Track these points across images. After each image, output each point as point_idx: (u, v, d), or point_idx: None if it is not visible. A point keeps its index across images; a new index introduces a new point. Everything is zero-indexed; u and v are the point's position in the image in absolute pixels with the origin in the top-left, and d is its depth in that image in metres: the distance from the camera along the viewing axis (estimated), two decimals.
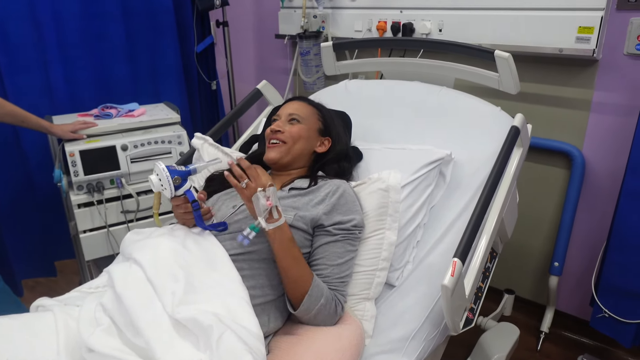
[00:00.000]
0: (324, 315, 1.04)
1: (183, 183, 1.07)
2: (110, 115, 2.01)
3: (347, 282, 1.12)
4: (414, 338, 1.12)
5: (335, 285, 1.08)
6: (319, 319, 1.05)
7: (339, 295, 1.08)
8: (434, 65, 1.58)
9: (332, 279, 1.08)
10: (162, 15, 2.33)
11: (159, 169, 1.04)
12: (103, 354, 0.86)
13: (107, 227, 1.86)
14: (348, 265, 1.12)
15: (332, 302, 1.05)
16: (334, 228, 1.11)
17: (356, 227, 1.13)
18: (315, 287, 1.03)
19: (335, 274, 1.09)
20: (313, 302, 1.02)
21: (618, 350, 1.92)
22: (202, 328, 0.86)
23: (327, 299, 1.04)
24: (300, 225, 1.10)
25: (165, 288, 0.93)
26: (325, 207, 1.12)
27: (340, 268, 1.10)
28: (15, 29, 1.97)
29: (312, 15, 2.37)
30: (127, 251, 1.07)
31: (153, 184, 1.06)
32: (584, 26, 1.67)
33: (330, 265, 1.09)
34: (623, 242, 1.65)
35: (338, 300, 1.07)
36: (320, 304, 1.02)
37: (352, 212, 1.14)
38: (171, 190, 1.05)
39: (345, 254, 1.11)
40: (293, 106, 1.33)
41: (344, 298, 1.10)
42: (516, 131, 1.26)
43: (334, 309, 1.06)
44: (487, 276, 1.34)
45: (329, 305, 1.04)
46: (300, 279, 1.03)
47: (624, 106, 1.73)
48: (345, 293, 1.11)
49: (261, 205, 0.98)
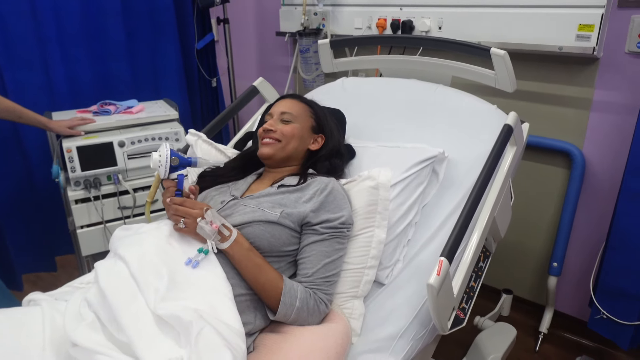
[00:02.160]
0: (304, 316, 1.04)
1: (180, 168, 1.09)
2: (109, 112, 2.02)
3: (333, 282, 1.11)
4: (401, 337, 1.12)
5: (318, 284, 1.07)
6: (300, 321, 1.04)
7: (321, 294, 1.07)
8: (432, 63, 1.57)
9: (315, 279, 1.08)
10: (163, 12, 2.34)
11: (163, 148, 1.07)
12: (87, 348, 0.86)
13: (104, 223, 1.87)
14: (335, 265, 1.11)
15: (309, 302, 1.04)
16: (321, 227, 1.10)
17: (344, 224, 1.12)
18: (287, 292, 1.02)
19: (320, 274, 1.08)
20: (288, 308, 1.02)
21: (616, 352, 1.90)
22: (183, 324, 0.86)
23: (302, 301, 1.03)
24: (287, 223, 1.09)
25: (148, 284, 0.93)
26: (312, 205, 1.11)
27: (327, 267, 1.09)
28: (16, 26, 1.99)
29: (312, 12, 2.36)
30: (113, 247, 1.07)
31: (153, 159, 1.08)
32: (584, 24, 1.65)
33: (316, 264, 1.08)
34: (622, 243, 1.63)
35: (319, 299, 1.06)
36: (297, 308, 1.02)
37: (341, 210, 1.13)
38: (166, 169, 1.07)
39: (332, 253, 1.10)
40: (285, 104, 1.32)
41: (327, 297, 1.08)
42: (509, 130, 1.25)
43: (313, 309, 1.05)
44: (479, 275, 1.32)
45: (307, 307, 1.04)
46: (269, 285, 1.03)
47: (624, 105, 1.70)
48: (331, 292, 1.10)
49: (209, 232, 1.00)
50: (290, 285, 1.04)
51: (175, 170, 1.09)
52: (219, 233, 1.01)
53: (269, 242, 1.07)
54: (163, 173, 1.08)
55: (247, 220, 1.08)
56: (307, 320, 1.05)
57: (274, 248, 1.08)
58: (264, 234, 1.07)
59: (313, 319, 1.06)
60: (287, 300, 1.02)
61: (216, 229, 1.00)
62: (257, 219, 1.08)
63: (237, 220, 1.09)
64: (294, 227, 1.10)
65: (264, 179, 1.30)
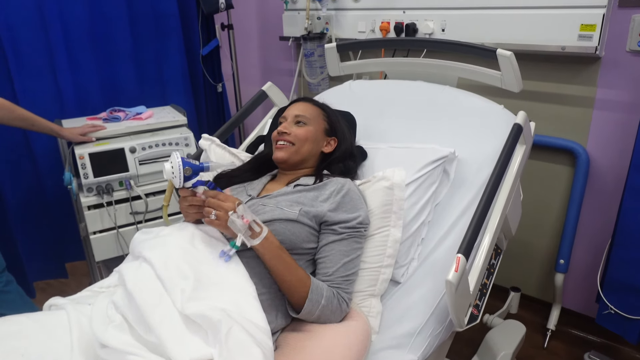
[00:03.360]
0: (327, 314, 1.06)
1: (193, 176, 1.09)
2: (119, 119, 2.05)
3: (352, 280, 1.13)
4: (419, 334, 1.14)
5: (339, 283, 1.09)
6: (323, 319, 1.06)
7: (342, 292, 1.09)
8: (437, 65, 1.60)
9: (336, 277, 1.10)
10: (168, 19, 2.36)
11: (174, 158, 1.07)
12: (117, 349, 0.88)
13: (116, 229, 1.89)
14: (354, 264, 1.13)
15: (333, 301, 1.06)
16: (339, 227, 1.12)
17: (361, 224, 1.15)
18: (314, 290, 1.04)
19: (340, 273, 1.10)
20: (314, 305, 1.03)
21: (625, 347, 1.92)
22: (212, 323, 0.88)
23: (327, 299, 1.05)
24: (306, 221, 1.12)
25: (174, 285, 0.95)
26: (330, 205, 1.14)
27: (346, 267, 1.11)
28: (25, 35, 2.01)
29: (315, 16, 2.39)
30: (136, 250, 1.09)
31: (165, 170, 1.08)
32: (586, 24, 1.68)
33: (336, 263, 1.10)
34: (628, 239, 1.66)
35: (341, 298, 1.08)
36: (322, 305, 1.04)
37: (357, 210, 1.15)
38: (180, 179, 1.07)
39: (351, 252, 1.13)
40: (299, 107, 1.34)
41: (348, 295, 1.10)
42: (519, 129, 1.27)
43: (336, 307, 1.06)
44: (491, 273, 1.35)
45: (331, 305, 1.05)
46: (297, 284, 1.04)
47: (627, 103, 1.73)
48: (350, 291, 1.12)
49: (240, 226, 0.99)
50: (316, 283, 1.06)
51: (189, 179, 1.10)
52: (249, 228, 1.00)
53: (289, 240, 1.09)
54: (177, 183, 1.09)
55: (267, 218, 1.10)
56: (329, 318, 1.06)
57: (294, 245, 1.10)
58: (284, 232, 1.09)
59: (335, 317, 1.07)
60: (313, 298, 1.03)
61: (247, 223, 0.99)
62: (277, 217, 1.10)
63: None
64: (313, 225, 1.13)
65: (278, 180, 1.32)
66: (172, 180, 1.09)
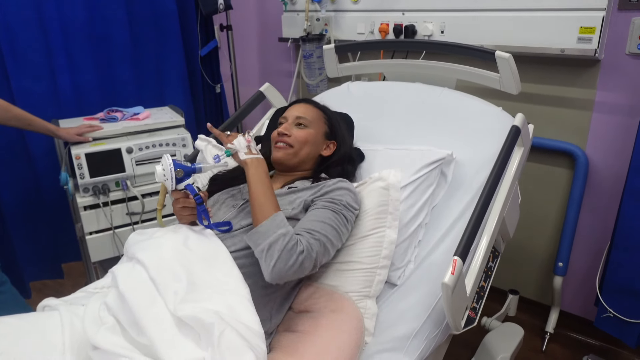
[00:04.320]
0: (281, 247, 0.96)
1: (185, 178, 1.09)
2: (116, 119, 2.04)
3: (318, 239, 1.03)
4: (415, 337, 1.13)
5: (300, 232, 1.04)
6: (275, 251, 0.96)
7: (303, 239, 1.01)
8: (436, 67, 1.59)
9: (298, 229, 1.05)
10: (167, 20, 2.35)
11: (165, 161, 1.07)
12: (108, 351, 0.88)
13: (112, 229, 1.88)
14: (323, 226, 1.06)
15: (292, 240, 0.98)
16: (320, 200, 1.13)
17: (345, 206, 1.12)
18: (280, 216, 1.03)
19: (305, 225, 1.06)
20: (275, 226, 0.99)
21: (623, 351, 1.91)
22: (204, 326, 0.87)
23: (288, 233, 0.99)
24: (300, 217, 1.12)
25: (167, 287, 0.94)
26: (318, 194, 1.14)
27: (313, 224, 1.06)
28: (23, 35, 2.00)
29: (314, 18, 2.39)
30: (130, 251, 1.08)
31: (157, 173, 1.08)
32: (585, 26, 1.67)
33: (303, 222, 1.08)
34: (627, 242, 1.65)
35: (300, 242, 1.00)
36: (280, 233, 0.98)
37: (344, 197, 1.14)
38: (172, 182, 1.07)
39: (324, 218, 1.08)
40: (300, 109, 1.33)
41: (308, 245, 1.00)
42: (517, 131, 1.27)
43: (292, 247, 0.97)
44: (489, 275, 1.34)
45: (288, 240, 0.98)
46: (268, 206, 1.05)
47: (626, 106, 1.73)
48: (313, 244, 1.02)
49: (242, 142, 1.15)
50: (284, 217, 1.04)
51: (181, 181, 1.10)
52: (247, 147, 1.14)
53: None
54: (170, 185, 1.09)
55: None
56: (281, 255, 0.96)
57: None
58: None
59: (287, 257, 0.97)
60: (277, 219, 1.02)
61: (249, 142, 1.15)
62: None
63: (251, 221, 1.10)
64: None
65: (275, 182, 1.31)
66: (164, 182, 1.08)
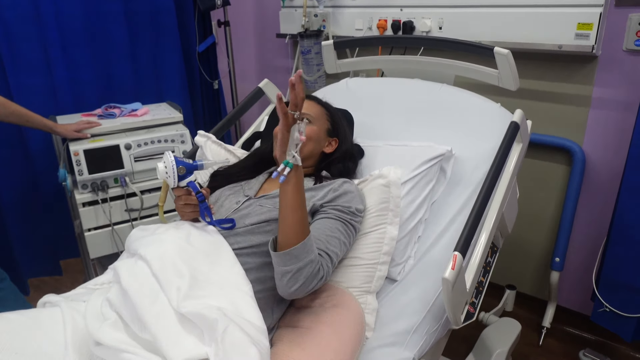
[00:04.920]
0: (307, 273, 0.97)
1: (187, 175, 1.09)
2: (114, 115, 2.03)
3: (333, 260, 1.05)
4: (415, 331, 1.14)
5: (321, 253, 1.04)
6: (301, 276, 0.97)
7: (324, 263, 1.02)
8: (434, 63, 1.59)
9: (319, 247, 1.04)
10: (164, 15, 2.34)
11: (167, 158, 1.07)
12: (111, 346, 0.87)
13: (111, 225, 1.88)
14: (334, 242, 1.07)
15: (317, 264, 0.99)
16: (329, 207, 1.12)
17: (352, 212, 1.13)
18: (311, 240, 0.98)
19: (323, 244, 1.05)
20: (306, 252, 0.96)
21: (619, 345, 1.93)
22: (208, 322, 0.87)
23: (315, 259, 0.99)
24: None
25: (170, 283, 0.94)
26: (326, 199, 1.14)
27: (329, 241, 1.06)
28: (20, 30, 1.99)
29: (312, 14, 2.38)
30: (132, 247, 1.08)
31: (159, 171, 1.08)
32: (583, 22, 1.68)
33: (319, 235, 1.06)
34: (623, 237, 1.66)
35: (321, 266, 1.01)
36: (309, 260, 0.97)
37: (352, 202, 1.15)
38: (174, 179, 1.07)
39: (335, 231, 1.08)
40: (304, 105, 1.33)
41: (327, 270, 1.03)
42: (515, 127, 1.27)
43: (317, 271, 0.99)
44: (488, 271, 1.35)
45: (315, 265, 0.98)
46: (300, 224, 0.97)
47: (623, 102, 1.74)
48: (329, 268, 1.04)
49: (296, 139, 0.94)
50: (312, 239, 1.00)
51: (183, 178, 1.10)
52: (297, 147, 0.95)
53: None
54: (172, 183, 1.08)
55: (265, 219, 1.10)
56: (306, 280, 0.98)
57: None
58: None
59: (312, 281, 0.99)
60: (308, 244, 0.97)
61: (302, 141, 0.94)
62: (275, 217, 1.10)
63: (256, 220, 1.10)
64: (310, 221, 1.12)
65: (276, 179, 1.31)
66: (166, 180, 1.08)
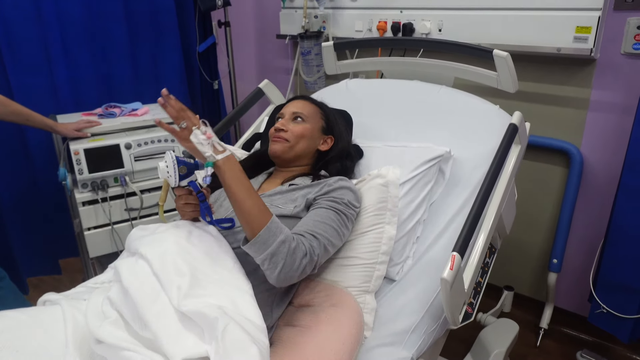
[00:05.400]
0: (283, 255, 0.95)
1: (189, 174, 1.09)
2: (114, 114, 2.04)
3: (319, 240, 1.04)
4: (414, 331, 1.15)
5: (302, 233, 1.03)
6: (279, 259, 0.95)
7: (304, 240, 1.01)
8: (434, 65, 1.60)
9: (300, 229, 1.05)
10: (164, 16, 2.35)
11: (168, 157, 1.07)
12: (112, 344, 0.88)
13: (111, 225, 1.88)
14: (325, 228, 1.06)
15: (292, 243, 0.97)
16: (322, 199, 1.13)
17: (347, 204, 1.13)
18: (275, 222, 0.98)
19: (307, 227, 1.05)
20: (271, 236, 0.95)
21: (616, 346, 1.94)
22: (208, 320, 0.88)
23: (287, 237, 0.97)
24: (301, 215, 1.13)
25: (170, 282, 0.95)
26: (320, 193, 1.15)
27: (315, 224, 1.06)
28: (21, 30, 2.00)
29: (313, 15, 2.39)
30: (132, 246, 1.09)
31: (160, 170, 1.08)
32: (581, 26, 1.69)
33: (305, 222, 1.07)
34: (621, 238, 1.67)
35: (302, 244, 0.99)
36: (279, 240, 0.96)
37: (345, 195, 1.15)
38: (175, 178, 1.07)
39: (325, 218, 1.08)
40: (297, 105, 1.35)
41: (310, 247, 1.01)
42: (514, 129, 1.28)
43: (294, 251, 0.97)
44: (486, 271, 1.36)
45: (290, 245, 0.97)
46: (257, 211, 0.97)
47: (621, 105, 1.75)
48: (315, 246, 1.02)
49: (202, 140, 0.98)
50: (278, 220, 1.00)
51: (184, 178, 1.10)
52: (213, 146, 0.99)
53: None
54: (173, 182, 1.09)
55: None
56: (285, 262, 0.96)
57: None
58: None
59: (291, 262, 0.97)
60: (272, 227, 0.96)
61: (209, 137, 0.98)
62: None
63: None
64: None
65: (274, 178, 1.32)
66: (167, 179, 1.09)
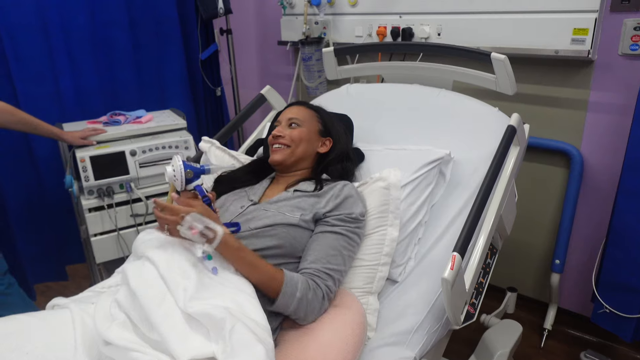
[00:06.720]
0: (304, 307, 1.03)
1: (195, 179, 1.11)
2: (119, 122, 2.07)
3: (334, 277, 1.10)
4: (416, 331, 1.16)
5: (317, 273, 1.08)
6: (301, 312, 1.04)
7: (320, 283, 1.07)
8: (433, 68, 1.63)
9: (316, 266, 1.09)
10: (167, 24, 2.39)
11: (175, 161, 1.09)
12: (120, 346, 0.90)
13: (117, 231, 1.91)
14: (338, 260, 1.12)
15: (309, 293, 1.04)
16: (332, 218, 1.15)
17: (356, 219, 1.16)
18: (288, 283, 1.03)
19: (321, 264, 1.09)
20: (289, 299, 1.02)
21: (620, 346, 1.95)
22: (215, 321, 0.89)
23: (302, 292, 1.03)
24: (306, 226, 1.15)
25: (177, 284, 0.96)
26: (329, 207, 1.16)
27: (329, 259, 1.10)
28: (26, 39, 2.03)
29: (313, 21, 2.42)
30: (139, 250, 1.11)
31: (167, 174, 1.10)
32: (578, 28, 1.71)
33: (319, 253, 1.10)
34: (622, 239, 1.68)
35: (318, 288, 1.06)
36: (297, 299, 1.02)
37: (353, 208, 1.17)
38: (182, 182, 1.09)
39: (339, 247, 1.12)
40: (292, 111, 1.37)
41: (326, 288, 1.08)
42: (512, 130, 1.30)
43: (312, 299, 1.04)
44: (487, 272, 1.37)
45: (307, 297, 1.03)
46: (267, 281, 1.03)
47: (619, 105, 1.77)
48: (330, 285, 1.09)
49: (191, 237, 0.98)
50: (290, 276, 1.04)
51: (191, 182, 1.11)
52: (202, 236, 0.98)
53: (290, 244, 1.12)
54: (179, 186, 1.10)
55: (269, 223, 1.13)
56: (307, 312, 1.04)
57: (295, 250, 1.13)
58: (286, 236, 1.12)
59: (313, 309, 1.05)
60: (287, 291, 1.02)
61: (195, 234, 0.97)
62: (279, 222, 1.13)
63: (260, 224, 1.13)
64: (312, 228, 1.15)
65: (278, 183, 1.34)
66: (173, 183, 1.11)
